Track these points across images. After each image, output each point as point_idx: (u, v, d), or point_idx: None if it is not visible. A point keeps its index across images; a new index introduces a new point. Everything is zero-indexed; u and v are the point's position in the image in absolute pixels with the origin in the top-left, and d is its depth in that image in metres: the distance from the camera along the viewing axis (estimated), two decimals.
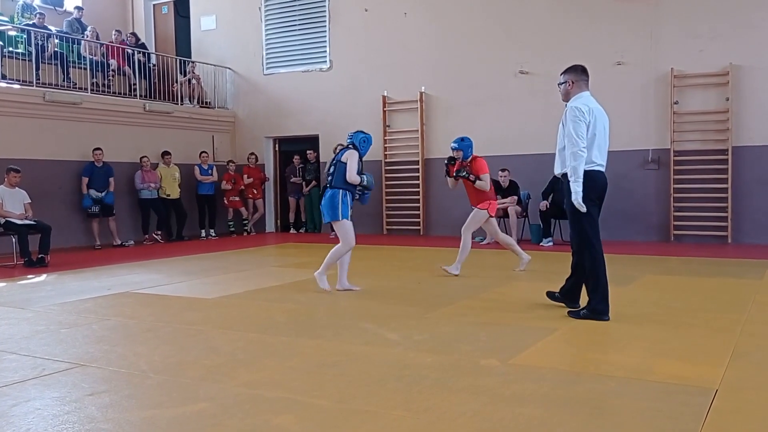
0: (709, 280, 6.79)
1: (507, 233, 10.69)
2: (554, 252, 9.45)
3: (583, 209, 4.72)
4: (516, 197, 10.57)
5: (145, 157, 11.82)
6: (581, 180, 4.70)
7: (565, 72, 5.01)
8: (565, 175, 4.85)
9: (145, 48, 13.81)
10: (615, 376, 3.49)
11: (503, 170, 10.64)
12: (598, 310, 4.81)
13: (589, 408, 3.03)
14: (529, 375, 3.54)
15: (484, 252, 9.67)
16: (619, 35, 10.74)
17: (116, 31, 13.45)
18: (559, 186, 10.22)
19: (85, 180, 10.87)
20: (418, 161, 12.33)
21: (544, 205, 10.23)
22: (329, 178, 6.17)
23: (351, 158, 6.07)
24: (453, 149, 7.16)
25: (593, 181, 4.83)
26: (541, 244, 10.21)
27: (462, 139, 7.21)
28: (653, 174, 10.63)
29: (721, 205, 10.17)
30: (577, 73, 4.97)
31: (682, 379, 3.43)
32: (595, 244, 4.98)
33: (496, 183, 10.67)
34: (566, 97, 5.00)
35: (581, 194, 4.70)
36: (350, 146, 6.19)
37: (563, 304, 5.22)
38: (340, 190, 6.06)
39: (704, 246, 9.76)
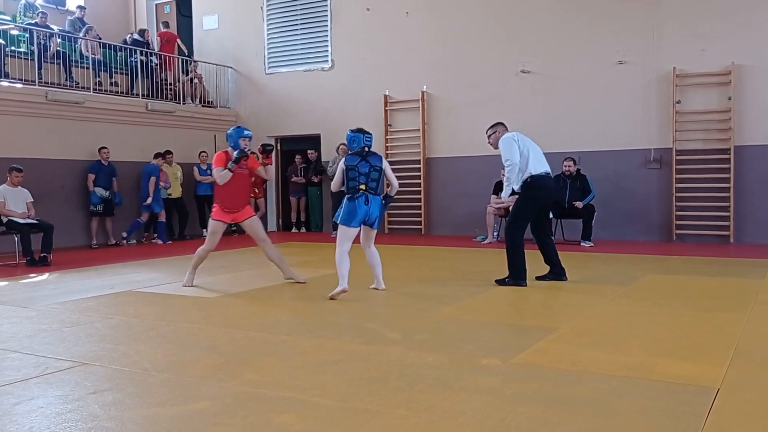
0: (711, 279, 6.78)
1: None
2: None
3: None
4: (517, 197, 10.54)
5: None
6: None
7: (492, 127, 6.70)
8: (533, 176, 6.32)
9: (150, 47, 13.81)
10: (616, 376, 3.49)
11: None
12: (517, 277, 6.24)
13: (590, 407, 3.04)
14: (531, 374, 3.55)
15: (486, 251, 9.68)
16: (620, 34, 10.73)
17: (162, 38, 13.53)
18: (560, 185, 10.24)
19: (92, 177, 10.93)
20: (420, 160, 12.33)
21: None
22: (373, 184, 5.82)
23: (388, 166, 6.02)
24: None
25: (534, 185, 6.32)
26: None
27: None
28: (655, 173, 10.63)
29: (723, 204, 10.16)
30: (501, 125, 6.70)
31: (684, 379, 3.43)
32: (521, 231, 6.39)
33: (498, 182, 10.70)
34: (496, 143, 6.52)
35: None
36: (373, 152, 5.99)
37: (557, 280, 6.44)
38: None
39: (706, 245, 9.76)
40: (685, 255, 8.77)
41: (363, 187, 5.77)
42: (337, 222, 5.92)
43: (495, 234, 10.76)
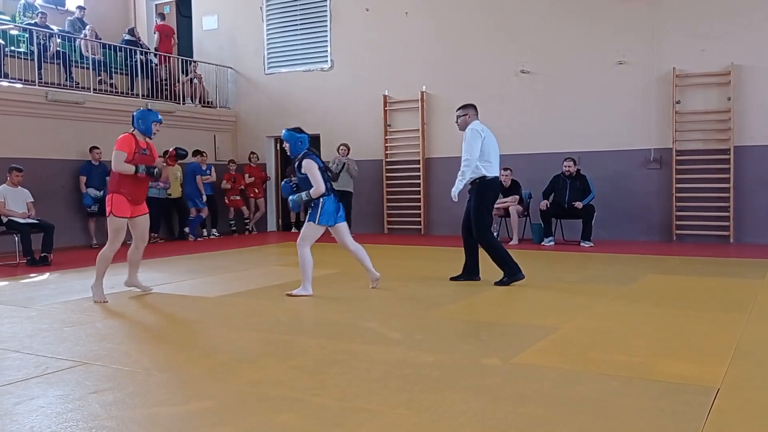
0: (711, 279, 6.79)
1: (509, 233, 10.74)
2: (555, 252, 9.46)
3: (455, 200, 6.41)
4: (518, 197, 10.57)
5: (160, 156, 11.82)
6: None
7: (463, 108, 6.57)
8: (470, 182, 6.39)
9: (146, 47, 13.81)
10: (617, 376, 3.49)
11: (505, 169, 10.61)
12: (513, 272, 6.25)
13: (591, 407, 3.04)
14: (531, 374, 3.55)
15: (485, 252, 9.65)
16: (620, 35, 10.74)
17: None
18: (560, 185, 10.26)
19: (83, 179, 10.89)
20: (419, 160, 12.33)
21: (544, 204, 10.24)
22: (330, 182, 5.91)
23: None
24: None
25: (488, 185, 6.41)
26: (542, 243, 10.21)
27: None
28: (655, 174, 10.64)
29: (723, 204, 10.17)
30: (473, 108, 6.57)
31: (684, 379, 3.44)
32: (489, 230, 6.49)
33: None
34: (464, 126, 6.46)
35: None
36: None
37: (470, 281, 6.51)
38: None
39: (706, 246, 9.77)
40: (685, 255, 8.78)
41: (329, 185, 5.88)
42: (315, 222, 5.80)
43: (494, 234, 10.74)
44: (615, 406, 3.04)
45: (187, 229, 12.21)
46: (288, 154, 6.05)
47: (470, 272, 6.63)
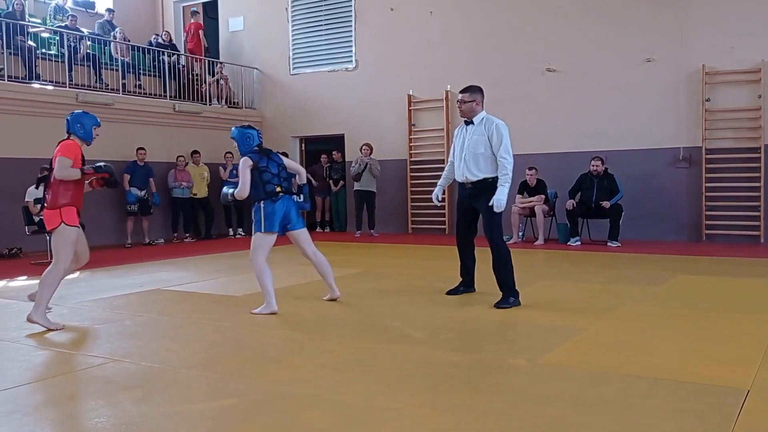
0: (741, 280, 6.67)
1: (534, 233, 10.67)
2: (582, 252, 9.37)
3: (503, 209, 5.41)
4: (543, 196, 10.50)
5: (181, 156, 12.06)
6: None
7: (468, 91, 5.53)
8: (481, 180, 5.50)
9: (176, 49, 13.99)
10: (645, 377, 3.45)
11: (531, 169, 10.57)
12: (517, 293, 5.48)
13: (618, 408, 3.01)
14: (558, 375, 3.53)
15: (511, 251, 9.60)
16: (648, 32, 10.60)
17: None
18: (587, 184, 10.16)
19: (127, 177, 11.14)
20: (443, 160, 12.29)
21: (570, 204, 10.14)
22: (286, 183, 5.39)
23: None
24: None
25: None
26: (568, 243, 10.12)
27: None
28: (684, 172, 10.48)
29: (753, 204, 9.98)
30: (481, 94, 5.56)
31: (713, 380, 3.39)
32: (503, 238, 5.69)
33: (523, 182, 10.65)
34: (471, 114, 5.51)
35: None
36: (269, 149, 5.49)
37: (468, 292, 5.89)
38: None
39: (736, 246, 9.59)
40: (714, 255, 8.63)
41: (279, 189, 5.29)
42: (262, 231, 5.25)
43: (520, 234, 10.70)
44: (642, 408, 3.01)
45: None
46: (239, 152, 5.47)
47: (469, 283, 5.97)
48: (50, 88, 10.83)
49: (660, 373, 3.53)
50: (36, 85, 10.74)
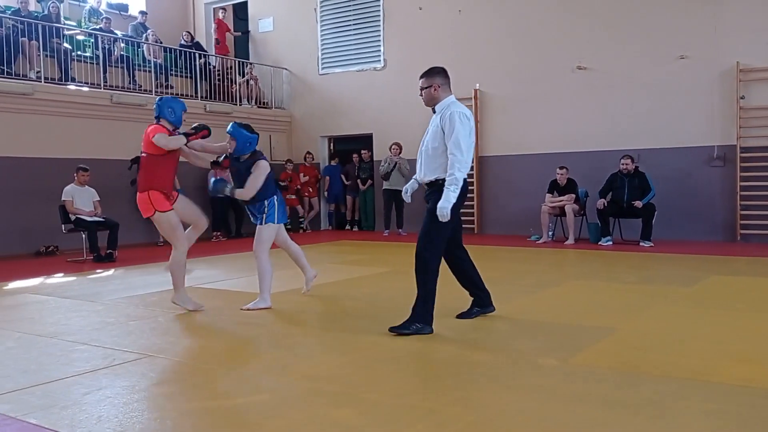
0: None
1: (564, 233, 10.57)
2: (614, 251, 9.26)
3: (448, 219, 4.33)
4: (574, 195, 10.39)
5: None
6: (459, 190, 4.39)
7: (425, 76, 4.73)
8: (433, 182, 4.54)
9: (203, 48, 14.17)
10: (677, 378, 3.41)
11: (561, 168, 10.47)
12: (427, 321, 4.42)
13: (651, 409, 2.98)
14: (589, 375, 3.50)
15: (540, 251, 9.55)
16: (681, 29, 10.42)
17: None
18: (618, 183, 10.03)
19: None
20: (473, 159, 12.24)
21: (601, 203, 10.02)
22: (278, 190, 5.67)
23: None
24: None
25: (464, 188, 4.51)
26: (599, 243, 10.00)
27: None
28: (719, 171, 10.28)
29: None
30: (442, 76, 4.72)
31: (747, 381, 3.33)
32: (440, 254, 4.55)
33: (553, 181, 10.56)
34: (431, 102, 4.75)
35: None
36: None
37: (485, 313, 4.95)
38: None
39: None
40: (749, 256, 8.46)
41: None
42: (275, 222, 5.46)
43: (550, 233, 10.61)
44: (675, 408, 2.97)
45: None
46: (230, 150, 5.58)
47: (484, 303, 5.01)
48: (85, 89, 11.06)
49: (693, 373, 3.48)
50: (71, 87, 10.98)
